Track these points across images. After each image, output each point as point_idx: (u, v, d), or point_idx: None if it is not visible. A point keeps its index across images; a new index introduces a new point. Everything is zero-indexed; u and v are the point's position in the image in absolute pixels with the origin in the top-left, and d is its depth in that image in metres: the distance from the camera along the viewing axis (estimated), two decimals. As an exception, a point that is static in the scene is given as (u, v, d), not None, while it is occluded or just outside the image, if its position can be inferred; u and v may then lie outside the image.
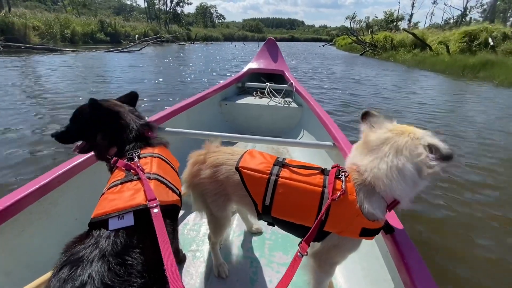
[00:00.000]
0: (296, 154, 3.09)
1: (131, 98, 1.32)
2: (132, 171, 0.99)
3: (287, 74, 4.45)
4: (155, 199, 0.85)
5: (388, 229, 1.12)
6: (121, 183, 0.94)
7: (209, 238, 1.51)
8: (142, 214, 0.84)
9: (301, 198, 1.05)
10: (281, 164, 1.14)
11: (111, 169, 1.10)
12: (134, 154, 1.06)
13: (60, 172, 1.43)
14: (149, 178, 0.96)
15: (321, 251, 1.12)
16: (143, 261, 0.75)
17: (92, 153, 1.25)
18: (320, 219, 0.98)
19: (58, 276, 0.69)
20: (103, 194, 0.94)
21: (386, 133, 1.01)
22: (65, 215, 1.50)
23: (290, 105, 3.88)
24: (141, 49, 21.52)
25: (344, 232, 1.03)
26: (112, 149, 1.14)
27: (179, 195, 1.07)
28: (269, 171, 1.11)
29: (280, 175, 1.09)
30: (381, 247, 1.32)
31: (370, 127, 1.07)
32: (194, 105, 3.03)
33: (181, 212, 1.96)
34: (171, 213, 0.99)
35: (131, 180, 0.95)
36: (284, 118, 3.89)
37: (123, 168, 1.01)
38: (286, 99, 4.07)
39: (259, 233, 1.84)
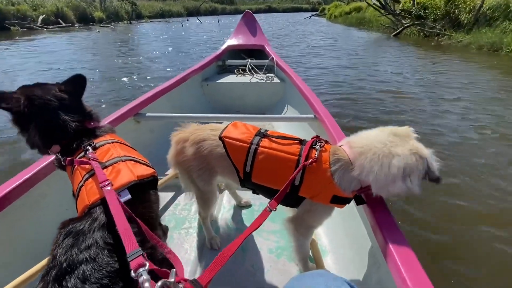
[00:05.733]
0: (282, 130, 2.51)
1: (75, 86, 1.15)
2: (88, 164, 0.99)
3: (267, 48, 4.31)
4: (107, 180, 0.90)
5: (359, 200, 1.17)
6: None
7: (199, 213, 1.58)
8: (134, 189, 0.94)
9: (278, 166, 1.14)
10: (262, 134, 1.22)
11: (60, 166, 1.12)
12: (88, 146, 1.05)
13: (44, 164, 1.43)
14: (122, 161, 1.01)
15: (297, 216, 1.24)
16: (139, 225, 0.82)
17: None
18: (291, 182, 1.07)
19: (62, 245, 0.76)
20: (82, 186, 0.95)
21: (402, 131, 1.07)
22: (55, 205, 1.52)
23: (272, 81, 3.82)
24: None
25: (316, 198, 1.12)
26: (54, 147, 1.08)
27: (152, 167, 1.11)
28: (250, 141, 1.19)
29: (260, 144, 1.17)
30: (359, 208, 1.37)
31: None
32: (174, 88, 2.96)
33: (172, 193, 2.06)
34: (154, 184, 1.08)
35: (105, 167, 0.98)
36: (268, 94, 3.81)
37: (85, 163, 1.01)
38: (268, 74, 3.99)
39: (248, 206, 1.91)
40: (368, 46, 12.25)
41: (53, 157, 1.24)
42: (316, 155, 1.08)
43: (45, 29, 19.14)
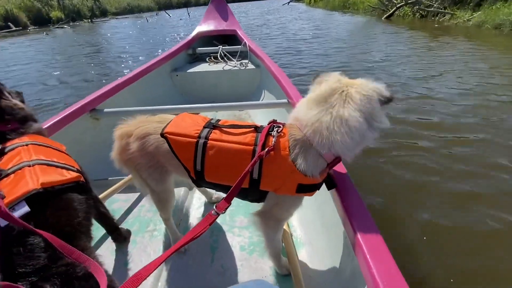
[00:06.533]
0: (259, 118, 2.94)
1: None
2: None
3: (240, 33, 4.11)
4: None
5: (330, 184, 1.10)
6: None
7: (160, 215, 1.44)
8: (42, 198, 0.85)
9: (232, 160, 1.01)
10: (212, 125, 1.09)
11: None
12: None
13: None
14: (29, 166, 0.92)
15: (264, 210, 1.12)
16: (44, 240, 0.74)
17: None
18: (246, 177, 0.94)
19: None
20: None
21: (335, 83, 0.96)
22: None
23: (247, 67, 3.68)
24: None
25: (280, 190, 1.01)
26: None
27: (78, 171, 1.05)
28: (197, 134, 1.05)
29: (209, 137, 1.04)
30: (333, 194, 1.29)
31: (319, 83, 1.02)
32: (138, 79, 2.75)
33: (137, 194, 1.87)
34: (78, 190, 0.99)
35: (7, 175, 0.90)
36: (243, 82, 3.65)
37: None
38: (242, 61, 3.82)
39: (219, 202, 1.63)
40: (358, 34, 10.68)
41: None
42: (273, 143, 0.97)
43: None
